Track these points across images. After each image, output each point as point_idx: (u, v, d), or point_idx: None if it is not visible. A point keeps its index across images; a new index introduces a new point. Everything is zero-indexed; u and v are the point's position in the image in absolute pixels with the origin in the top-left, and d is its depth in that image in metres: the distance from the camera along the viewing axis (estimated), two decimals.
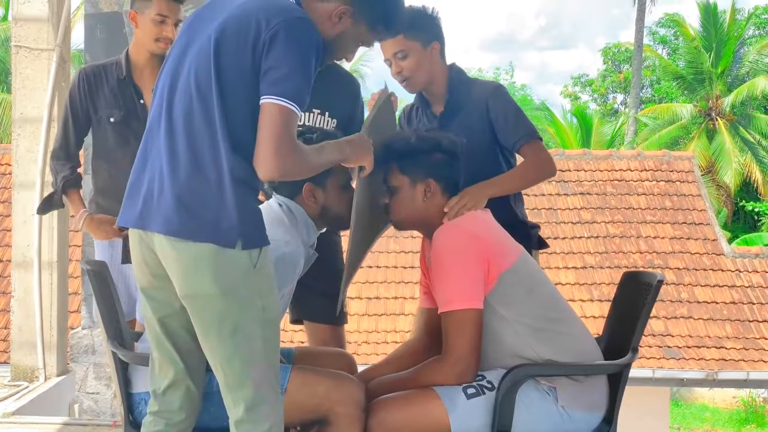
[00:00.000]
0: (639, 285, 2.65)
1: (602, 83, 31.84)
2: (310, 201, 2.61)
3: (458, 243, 2.46)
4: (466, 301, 2.42)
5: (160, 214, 2.11)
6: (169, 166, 2.11)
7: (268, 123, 2.05)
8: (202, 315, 2.13)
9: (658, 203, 11.52)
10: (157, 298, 2.25)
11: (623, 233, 11.13)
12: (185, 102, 2.13)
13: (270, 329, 2.17)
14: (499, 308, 2.46)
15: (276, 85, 2.06)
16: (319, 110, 3.27)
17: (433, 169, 2.61)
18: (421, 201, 2.61)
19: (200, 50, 2.14)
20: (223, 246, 2.08)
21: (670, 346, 9.70)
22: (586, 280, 10.49)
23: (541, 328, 2.47)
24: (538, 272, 2.59)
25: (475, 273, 2.43)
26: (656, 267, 10.54)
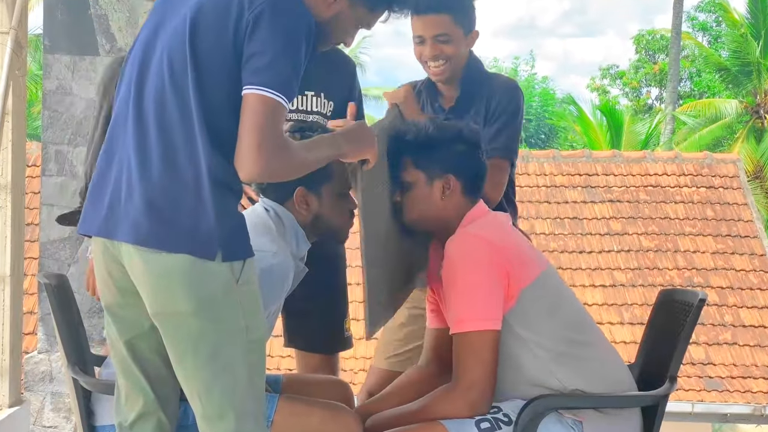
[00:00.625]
0: (677, 305, 2.65)
1: (634, 75, 31.88)
2: (301, 207, 2.61)
3: (474, 253, 2.45)
4: (481, 321, 2.41)
5: (127, 221, 2.10)
6: (138, 164, 2.11)
7: (251, 117, 2.05)
8: (177, 336, 2.13)
9: (698, 213, 11.53)
10: (123, 317, 2.25)
11: (658, 247, 11.14)
12: (157, 91, 2.12)
13: (255, 353, 2.17)
14: (519, 329, 2.45)
15: (260, 74, 2.06)
16: (314, 92, 3.28)
17: (452, 164, 2.60)
18: (439, 199, 2.59)
19: (174, 32, 2.14)
20: (200, 257, 2.07)
21: (711, 377, 9.69)
22: (616, 300, 10.49)
23: (565, 353, 2.46)
24: (563, 288, 2.59)
25: (493, 288, 2.43)
26: (696, 286, 10.54)
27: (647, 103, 31.73)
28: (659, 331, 2.75)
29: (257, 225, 2.53)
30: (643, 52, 32.02)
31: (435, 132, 2.63)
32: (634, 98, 31.88)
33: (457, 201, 2.60)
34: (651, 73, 31.21)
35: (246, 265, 2.14)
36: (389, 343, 3.27)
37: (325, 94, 3.30)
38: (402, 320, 3.24)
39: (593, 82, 33.80)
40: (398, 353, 3.24)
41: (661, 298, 2.80)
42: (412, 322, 3.23)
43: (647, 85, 32.06)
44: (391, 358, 3.26)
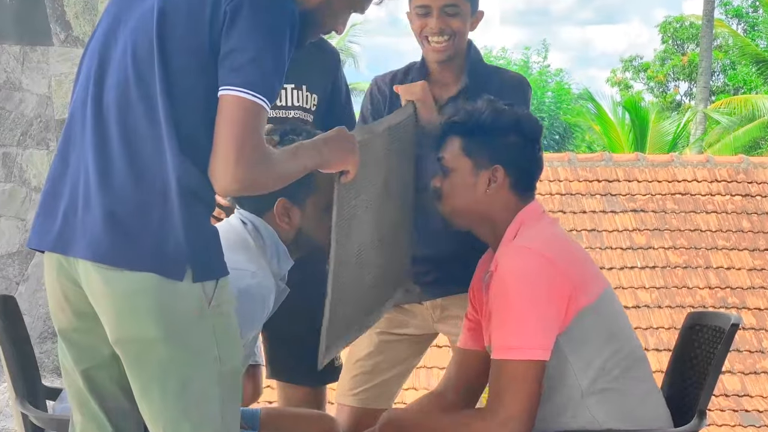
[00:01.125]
0: (707, 330, 2.67)
1: (660, 68, 31.97)
2: (282, 221, 2.61)
3: (532, 273, 2.46)
4: (530, 349, 2.43)
5: (85, 235, 2.11)
6: (97, 172, 2.11)
7: (228, 121, 2.05)
8: (141, 366, 2.13)
9: (733, 224, 11.55)
10: (80, 344, 2.25)
11: (688, 263, 11.15)
12: (119, 90, 2.13)
13: (229, 385, 2.17)
14: (569, 353, 2.48)
15: (239, 73, 2.06)
16: (294, 84, 3.28)
17: (504, 155, 2.62)
18: (483, 192, 2.62)
19: (139, 22, 2.15)
20: (168, 277, 2.07)
21: (748, 410, 9.69)
22: (640, 323, 10.48)
23: (609, 388, 2.49)
24: (620, 313, 2.61)
25: (549, 314, 2.44)
26: (731, 307, 10.55)
27: (675, 99, 31.81)
28: (687, 359, 2.76)
29: (233, 240, 2.53)
30: (670, 42, 32.11)
31: (491, 117, 2.65)
32: (660, 94, 31.96)
33: (504, 197, 2.62)
34: (679, 66, 31.29)
35: (219, 285, 2.15)
36: (356, 376, 3.27)
37: (308, 86, 3.30)
38: (370, 349, 3.24)
39: (614, 76, 33.87)
40: (367, 387, 3.24)
41: (688, 321, 2.82)
42: (382, 350, 3.24)
43: (675, 79, 32.15)
44: (359, 394, 3.26)
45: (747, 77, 27.33)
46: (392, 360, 3.23)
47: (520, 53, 37.16)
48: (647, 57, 33.95)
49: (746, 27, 30.32)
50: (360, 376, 3.25)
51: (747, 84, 27.18)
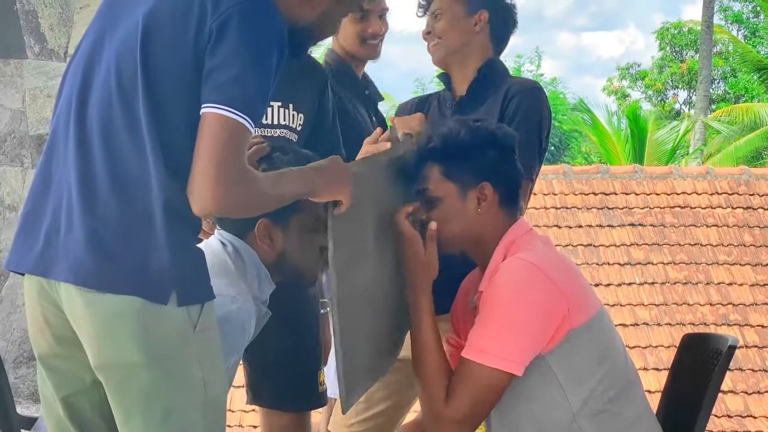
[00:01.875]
0: (704, 352, 2.69)
1: (658, 76, 32.07)
2: (264, 243, 2.62)
3: (528, 286, 2.49)
4: (504, 360, 2.45)
5: (67, 257, 2.13)
6: (80, 192, 2.13)
7: (210, 140, 2.06)
8: (124, 392, 2.15)
9: (734, 238, 11.57)
10: (60, 371, 2.27)
11: (688, 278, 11.17)
12: (102, 109, 2.15)
13: (213, 412, 2.19)
14: (557, 372, 2.50)
15: (223, 90, 2.08)
16: (280, 102, 3.30)
17: (488, 171, 2.65)
18: (476, 212, 2.65)
19: (123, 40, 2.17)
20: (152, 300, 2.09)
21: (751, 431, 9.71)
22: (639, 341, 10.50)
23: (602, 410, 2.51)
24: (614, 333, 2.63)
25: (535, 328, 2.47)
26: (732, 324, 10.57)
27: (674, 108, 31.91)
28: (684, 381, 2.79)
29: (212, 263, 2.53)
30: (668, 49, 32.21)
31: (466, 136, 2.67)
32: (658, 102, 32.05)
33: (495, 215, 2.65)
34: (678, 73, 31.39)
35: (205, 310, 2.17)
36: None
37: (294, 105, 3.32)
38: None
39: (611, 84, 33.96)
40: (361, 419, 3.26)
41: (685, 343, 2.84)
42: None
43: (673, 87, 32.24)
44: (354, 426, 3.27)
45: (748, 85, 27.44)
46: (386, 389, 3.23)
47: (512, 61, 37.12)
48: (644, 64, 34.10)
49: (747, 33, 30.44)
50: (355, 406, 3.26)
51: (748, 92, 27.28)
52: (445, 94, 3.36)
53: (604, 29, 71.82)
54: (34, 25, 5.01)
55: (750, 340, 10.38)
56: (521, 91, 3.20)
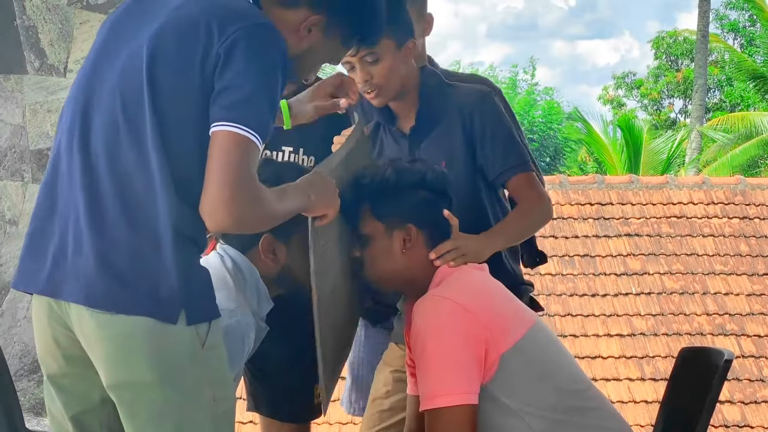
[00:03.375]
0: (701, 366, 2.73)
1: (654, 85, 32.14)
2: (268, 258, 2.67)
3: (446, 320, 2.52)
4: (454, 395, 2.48)
5: (78, 279, 2.16)
6: (88, 215, 2.17)
7: (222, 157, 2.10)
8: (136, 410, 2.19)
9: (730, 248, 11.60)
10: (70, 390, 2.31)
11: (684, 288, 11.20)
12: (108, 134, 2.19)
13: (223, 426, 2.24)
14: (505, 398, 2.53)
15: (233, 109, 2.12)
16: (291, 148, 3.37)
17: (414, 212, 2.70)
18: (400, 252, 2.69)
19: (127, 66, 2.21)
20: (163, 320, 2.13)
21: None
22: (635, 352, 10.52)
23: (562, 421, 2.53)
24: (554, 346, 2.66)
25: (468, 358, 2.50)
26: (729, 334, 10.60)
27: (669, 117, 31.97)
28: (681, 394, 2.83)
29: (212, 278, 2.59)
30: (663, 57, 32.28)
31: (394, 175, 2.72)
32: (653, 111, 32.12)
33: (422, 254, 2.70)
34: (673, 82, 31.47)
35: (212, 328, 2.22)
36: (374, 414, 3.31)
37: (305, 149, 3.39)
38: (387, 387, 3.29)
39: (606, 93, 34.03)
40: (386, 426, 3.28)
41: (682, 357, 2.88)
42: (399, 388, 3.27)
43: (669, 96, 32.31)
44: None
45: (744, 93, 27.50)
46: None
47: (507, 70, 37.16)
48: (640, 72, 34.12)
49: (743, 42, 30.51)
50: (378, 414, 3.29)
51: (744, 101, 27.34)
52: (393, 130, 3.26)
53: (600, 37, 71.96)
54: (34, 41, 5.04)
55: (747, 350, 10.40)
56: (476, 106, 3.16)
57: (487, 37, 72.54)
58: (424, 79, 3.22)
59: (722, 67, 29.27)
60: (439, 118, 3.19)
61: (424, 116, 3.20)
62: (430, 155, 3.10)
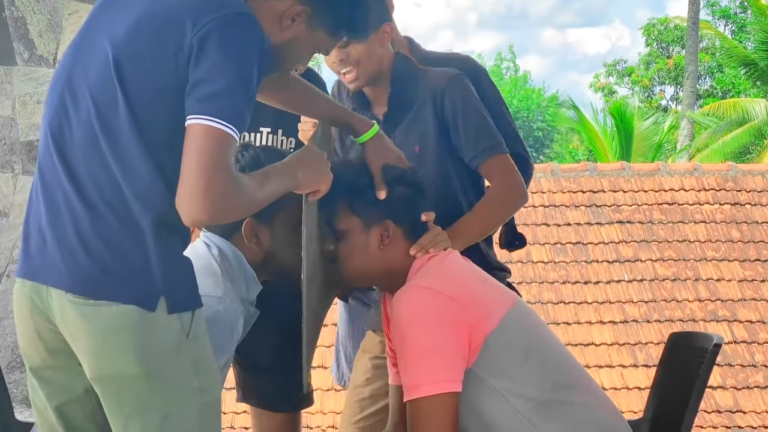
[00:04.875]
0: (690, 351, 2.74)
1: (645, 72, 32.15)
2: (251, 242, 2.66)
3: (426, 310, 2.52)
4: (437, 383, 2.47)
5: (59, 265, 2.17)
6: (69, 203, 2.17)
7: (197, 152, 2.08)
8: (122, 402, 2.19)
9: (722, 234, 11.62)
10: (52, 381, 2.30)
11: (676, 275, 11.22)
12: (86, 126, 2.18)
13: (209, 416, 2.24)
14: (492, 380, 2.52)
15: (208, 102, 2.10)
16: (270, 128, 3.36)
17: (392, 208, 2.69)
18: (377, 249, 2.68)
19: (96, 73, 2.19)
20: (141, 307, 2.13)
21: (741, 427, 9.75)
22: (628, 338, 10.55)
23: (549, 400, 2.53)
24: (536, 324, 2.66)
25: (451, 346, 2.49)
26: (721, 320, 10.63)
27: (660, 104, 32.00)
28: (671, 379, 2.84)
29: (198, 266, 2.56)
30: (654, 45, 32.29)
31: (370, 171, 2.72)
32: (645, 98, 32.14)
33: (400, 249, 2.69)
34: (665, 69, 31.48)
35: (196, 317, 2.21)
36: (355, 403, 3.33)
37: (284, 130, 3.38)
38: (367, 375, 3.31)
39: (597, 81, 34.04)
40: (366, 415, 3.30)
41: (671, 342, 2.89)
42: (378, 375, 3.28)
43: (660, 83, 32.33)
44: (360, 422, 3.31)
45: (735, 80, 27.52)
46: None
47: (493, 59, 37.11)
48: (631, 60, 34.13)
49: (734, 28, 30.53)
50: (359, 403, 3.31)
51: (735, 87, 27.37)
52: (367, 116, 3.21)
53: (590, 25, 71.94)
54: (23, 32, 5.04)
55: (739, 336, 10.43)
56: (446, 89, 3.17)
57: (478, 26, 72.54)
58: (396, 64, 3.22)
59: (713, 54, 29.29)
60: (412, 103, 3.20)
61: (397, 101, 3.21)
62: (404, 141, 3.11)
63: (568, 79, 66.13)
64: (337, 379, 3.86)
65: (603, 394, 2.67)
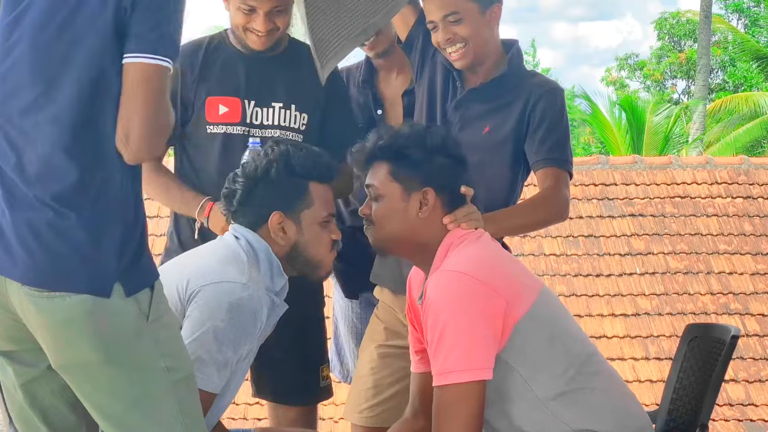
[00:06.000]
0: (707, 342, 2.72)
1: (657, 66, 32.08)
2: (277, 235, 2.68)
3: (461, 295, 2.51)
4: (470, 371, 2.47)
5: (11, 256, 2.14)
6: (15, 195, 2.14)
7: (138, 90, 2.11)
8: (90, 390, 2.19)
9: (734, 227, 11.60)
10: (18, 359, 2.29)
11: (688, 268, 11.20)
12: (23, 106, 2.15)
13: (184, 392, 2.23)
14: (518, 366, 2.53)
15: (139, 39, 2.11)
16: (282, 103, 3.33)
17: (434, 177, 2.68)
18: (415, 216, 2.67)
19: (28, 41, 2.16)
20: (96, 295, 2.11)
21: (753, 420, 9.74)
22: (640, 331, 10.54)
23: (569, 389, 2.53)
24: (559, 310, 2.67)
25: (483, 332, 2.49)
26: (733, 313, 10.61)
27: (672, 97, 31.92)
28: (687, 371, 2.83)
29: (225, 255, 2.60)
30: (666, 39, 32.20)
31: (415, 138, 2.70)
32: (657, 92, 32.06)
33: (436, 219, 2.68)
34: (676, 63, 31.40)
35: (155, 298, 2.19)
36: (359, 392, 3.32)
37: (297, 105, 3.34)
38: (371, 364, 3.30)
39: (609, 75, 33.96)
40: (371, 405, 3.30)
41: (688, 333, 2.88)
42: (383, 365, 3.29)
43: (672, 77, 32.25)
44: (364, 412, 3.31)
45: (747, 74, 27.43)
46: (394, 375, 3.27)
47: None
48: (642, 54, 34.09)
49: (747, 23, 30.43)
50: (363, 392, 3.31)
51: (747, 81, 27.27)
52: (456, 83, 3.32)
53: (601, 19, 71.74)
54: None
55: (751, 329, 10.41)
56: (546, 94, 3.26)
57: None
58: (514, 53, 3.32)
59: (725, 48, 29.19)
60: (507, 92, 3.26)
61: (496, 85, 3.27)
62: (479, 115, 3.21)
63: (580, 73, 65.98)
64: (342, 377, 3.86)
65: (623, 383, 2.66)
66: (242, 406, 8.82)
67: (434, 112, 3.32)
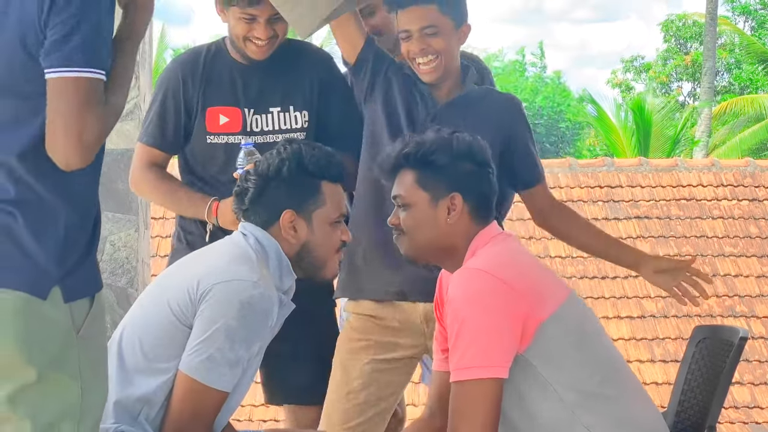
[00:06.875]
0: (715, 344, 2.72)
1: (663, 68, 32.06)
2: (288, 234, 2.70)
3: (481, 293, 2.53)
4: (487, 368, 2.49)
5: None
6: None
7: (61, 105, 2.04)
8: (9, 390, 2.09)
9: (740, 230, 11.60)
10: None
11: None
12: None
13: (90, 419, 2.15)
14: (541, 368, 2.53)
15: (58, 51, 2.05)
16: (279, 107, 3.36)
17: (461, 183, 2.69)
18: (444, 222, 2.68)
19: None
20: (36, 296, 2.07)
21: (759, 422, 9.74)
22: (646, 334, 10.54)
23: (595, 394, 2.53)
24: (589, 317, 2.67)
25: (503, 331, 2.50)
26: (738, 316, 10.61)
27: (678, 100, 31.90)
28: (695, 373, 2.83)
29: (234, 254, 2.62)
30: (672, 41, 32.18)
31: (441, 145, 2.71)
32: (662, 94, 32.02)
33: (465, 225, 2.69)
34: (682, 65, 31.38)
35: (90, 315, 2.14)
36: (348, 409, 3.27)
37: (295, 106, 3.37)
38: (361, 380, 3.27)
39: (614, 77, 33.94)
40: (361, 421, 3.27)
41: (695, 335, 2.88)
42: (373, 380, 3.27)
43: (678, 80, 32.23)
44: (354, 428, 3.26)
45: (753, 76, 27.41)
46: (384, 390, 3.28)
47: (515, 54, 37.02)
48: (649, 57, 34.01)
49: (754, 25, 30.41)
50: (352, 408, 3.26)
51: (753, 83, 27.25)
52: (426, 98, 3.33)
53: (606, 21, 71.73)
54: None
55: (756, 332, 10.40)
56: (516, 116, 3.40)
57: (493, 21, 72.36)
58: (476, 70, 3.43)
59: (731, 50, 29.18)
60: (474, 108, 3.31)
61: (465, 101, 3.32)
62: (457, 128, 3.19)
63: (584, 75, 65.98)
64: None
65: (645, 393, 2.67)
66: (247, 408, 8.83)
67: (398, 125, 3.32)
